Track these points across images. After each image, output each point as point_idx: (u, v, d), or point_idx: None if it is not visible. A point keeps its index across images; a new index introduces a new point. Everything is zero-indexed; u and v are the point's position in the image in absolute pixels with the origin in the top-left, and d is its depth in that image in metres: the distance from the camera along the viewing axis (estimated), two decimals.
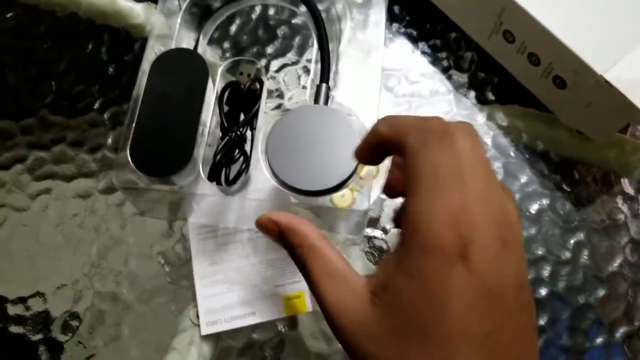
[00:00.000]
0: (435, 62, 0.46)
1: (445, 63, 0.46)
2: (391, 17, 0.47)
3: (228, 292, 0.38)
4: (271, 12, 0.47)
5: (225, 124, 0.36)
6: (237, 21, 0.46)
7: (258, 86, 0.37)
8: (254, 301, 0.38)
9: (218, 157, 0.35)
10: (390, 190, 0.30)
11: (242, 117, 0.36)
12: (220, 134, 0.36)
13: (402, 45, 0.46)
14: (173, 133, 0.34)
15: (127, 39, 0.46)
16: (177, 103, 0.35)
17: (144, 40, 0.46)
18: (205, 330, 0.38)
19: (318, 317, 0.38)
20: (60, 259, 0.40)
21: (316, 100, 0.36)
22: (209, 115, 0.36)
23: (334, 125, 0.34)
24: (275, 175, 0.33)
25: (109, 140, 0.43)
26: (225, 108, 0.36)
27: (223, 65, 0.38)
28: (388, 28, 0.47)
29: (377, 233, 0.41)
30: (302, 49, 0.46)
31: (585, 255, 0.40)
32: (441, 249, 0.22)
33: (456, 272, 0.21)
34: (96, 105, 0.44)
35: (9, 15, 0.48)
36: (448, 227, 0.22)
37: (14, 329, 0.39)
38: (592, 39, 0.38)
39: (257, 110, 0.36)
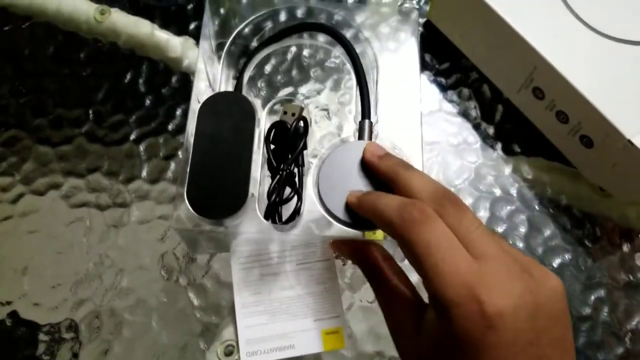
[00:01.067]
0: (464, 111, 0.47)
1: (473, 113, 0.47)
2: (422, 66, 0.49)
3: (268, 324, 0.39)
4: (305, 52, 0.48)
5: (274, 163, 0.37)
6: (272, 61, 0.48)
7: (303, 126, 0.38)
8: (293, 334, 0.39)
9: (273, 196, 0.36)
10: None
11: (289, 156, 0.38)
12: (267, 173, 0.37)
13: (432, 93, 0.48)
14: (227, 175, 0.35)
15: (166, 72, 0.48)
16: (228, 145, 0.36)
17: (181, 74, 0.48)
18: None
19: (354, 353, 0.39)
20: (91, 287, 0.41)
21: (360, 136, 0.37)
22: (257, 155, 0.37)
23: None
24: (327, 210, 0.34)
25: (144, 173, 0.44)
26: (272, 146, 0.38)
27: (268, 106, 0.40)
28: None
29: None
30: (335, 89, 0.47)
31: (605, 312, 0.41)
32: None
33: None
34: (132, 136, 0.45)
35: (50, 41, 0.49)
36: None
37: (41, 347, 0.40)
38: (622, 102, 0.39)
39: (303, 148, 0.38)
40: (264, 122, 0.40)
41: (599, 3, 0.42)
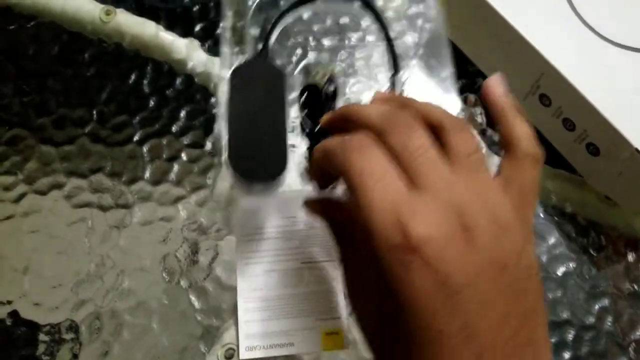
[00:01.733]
0: (469, 117, 0.47)
1: (479, 119, 0.47)
2: (428, 70, 0.48)
3: (269, 320, 0.39)
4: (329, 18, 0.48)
5: (308, 126, 0.37)
6: (300, 25, 0.47)
7: (333, 87, 0.38)
8: (294, 332, 0.39)
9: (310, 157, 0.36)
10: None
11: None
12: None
13: (437, 98, 0.47)
14: (265, 140, 0.35)
15: (170, 74, 0.47)
16: (262, 111, 0.36)
17: (185, 76, 0.47)
18: (244, 354, 0.38)
19: (354, 356, 0.39)
20: (92, 288, 0.41)
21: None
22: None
23: None
24: None
25: (147, 174, 0.44)
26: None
27: (298, 68, 0.40)
28: (425, 80, 0.48)
29: None
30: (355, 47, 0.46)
31: (609, 322, 0.41)
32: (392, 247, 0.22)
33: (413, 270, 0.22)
34: (136, 137, 0.45)
35: (54, 41, 0.49)
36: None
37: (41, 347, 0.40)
38: (630, 110, 0.38)
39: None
40: (295, 85, 0.40)
41: (607, 10, 0.41)
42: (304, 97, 0.38)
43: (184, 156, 0.44)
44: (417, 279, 0.21)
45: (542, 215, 0.44)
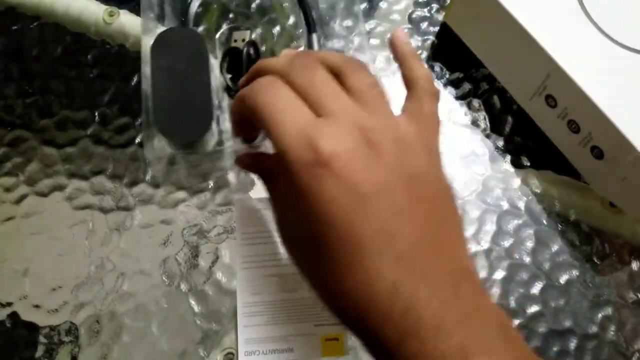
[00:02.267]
0: (473, 122, 0.46)
1: (483, 124, 0.46)
2: (432, 74, 0.48)
3: (267, 325, 0.39)
4: None
5: (232, 87, 0.40)
6: None
7: (253, 50, 0.42)
8: (293, 337, 0.38)
9: None
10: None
11: None
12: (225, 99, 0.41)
13: (441, 103, 0.47)
14: (190, 103, 0.38)
15: None
16: (186, 77, 0.39)
17: None
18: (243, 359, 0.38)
19: None
20: (92, 290, 0.41)
21: (310, 49, 0.42)
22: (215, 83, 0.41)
23: None
24: None
25: (148, 176, 0.44)
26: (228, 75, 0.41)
27: (218, 34, 0.43)
28: None
29: None
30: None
31: (612, 331, 0.40)
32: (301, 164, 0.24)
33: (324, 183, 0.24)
34: (138, 140, 0.45)
35: (58, 42, 0.49)
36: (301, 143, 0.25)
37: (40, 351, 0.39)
38: (636, 113, 0.38)
39: None
40: (216, 51, 0.44)
41: (618, 12, 0.41)
42: (226, 61, 0.41)
43: (185, 159, 0.44)
44: (329, 190, 0.24)
45: (545, 222, 0.43)
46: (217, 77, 0.41)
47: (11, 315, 0.40)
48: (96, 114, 0.46)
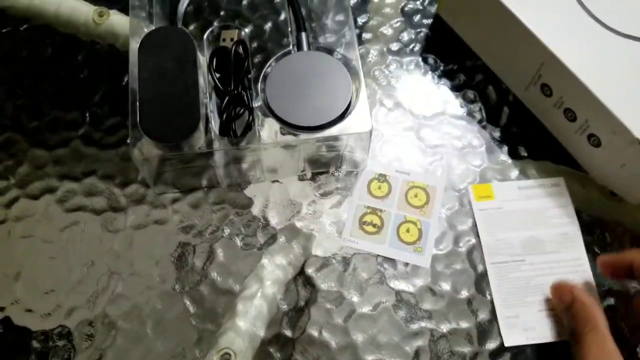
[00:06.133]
0: (469, 114, 0.46)
1: (478, 115, 0.46)
2: (426, 67, 0.47)
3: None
4: None
5: (221, 87, 0.40)
6: None
7: (241, 48, 0.41)
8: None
9: (224, 115, 0.39)
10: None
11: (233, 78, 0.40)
12: (214, 98, 0.40)
13: (436, 95, 0.46)
14: (177, 103, 0.37)
15: None
16: (173, 77, 0.38)
17: None
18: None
19: None
20: (85, 293, 0.40)
21: (299, 48, 0.41)
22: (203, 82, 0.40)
23: (324, 67, 0.39)
24: (278, 118, 0.38)
25: (140, 176, 0.43)
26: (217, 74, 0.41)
27: (206, 34, 0.42)
28: (422, 77, 0.47)
29: (407, 287, 0.40)
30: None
31: (615, 321, 0.39)
32: None
33: None
34: (129, 140, 0.44)
35: (47, 43, 0.48)
36: None
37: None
38: (631, 99, 0.37)
39: (248, 70, 0.41)
40: (204, 50, 0.42)
41: None
42: (214, 60, 0.41)
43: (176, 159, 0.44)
44: None
45: None
46: (205, 76, 0.40)
47: (3, 320, 0.40)
48: (87, 114, 0.46)
